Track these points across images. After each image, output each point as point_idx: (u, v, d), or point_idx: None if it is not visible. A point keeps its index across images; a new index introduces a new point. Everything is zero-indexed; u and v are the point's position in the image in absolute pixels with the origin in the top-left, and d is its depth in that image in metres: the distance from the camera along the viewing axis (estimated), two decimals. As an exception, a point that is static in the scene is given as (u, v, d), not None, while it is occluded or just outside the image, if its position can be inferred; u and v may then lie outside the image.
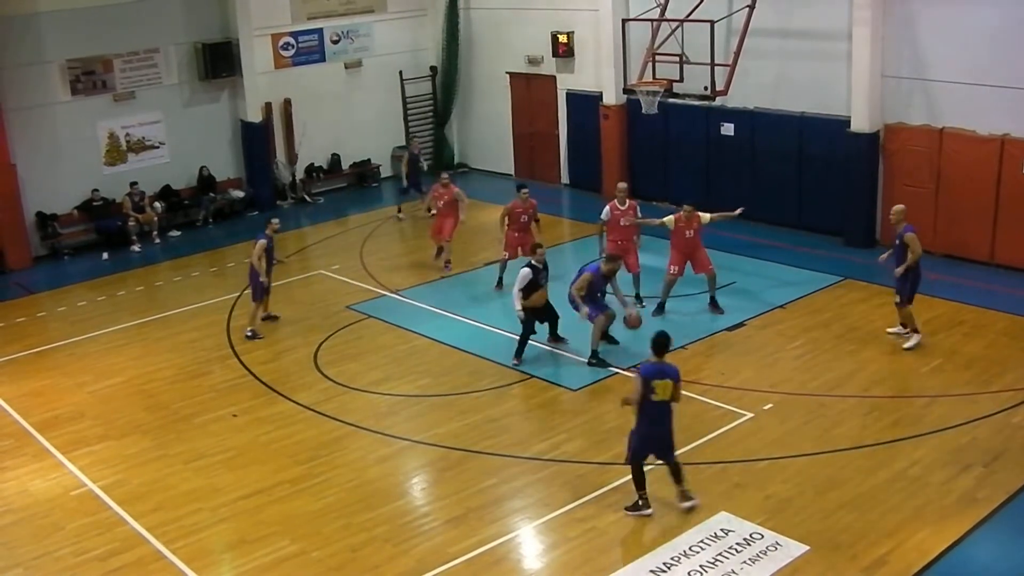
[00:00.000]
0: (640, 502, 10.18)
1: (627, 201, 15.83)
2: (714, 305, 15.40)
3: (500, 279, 17.02)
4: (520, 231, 16.85)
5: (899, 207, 13.75)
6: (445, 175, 19.04)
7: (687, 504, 10.18)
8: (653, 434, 9.95)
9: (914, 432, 11.58)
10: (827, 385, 12.93)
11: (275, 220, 15.96)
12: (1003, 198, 16.35)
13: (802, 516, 10.06)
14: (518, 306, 13.78)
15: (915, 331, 13.74)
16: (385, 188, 24.61)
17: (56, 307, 17.59)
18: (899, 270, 13.47)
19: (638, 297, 15.78)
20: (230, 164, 22.78)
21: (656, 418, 9.90)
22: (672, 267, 15.34)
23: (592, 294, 13.82)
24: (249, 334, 15.36)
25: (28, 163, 19.93)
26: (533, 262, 13.87)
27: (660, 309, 15.40)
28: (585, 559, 9.61)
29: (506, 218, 16.90)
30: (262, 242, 15.36)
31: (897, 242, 13.57)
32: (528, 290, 13.75)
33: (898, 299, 13.70)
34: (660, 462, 10.24)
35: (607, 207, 15.81)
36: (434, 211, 18.49)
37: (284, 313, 16.62)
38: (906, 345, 13.69)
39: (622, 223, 15.69)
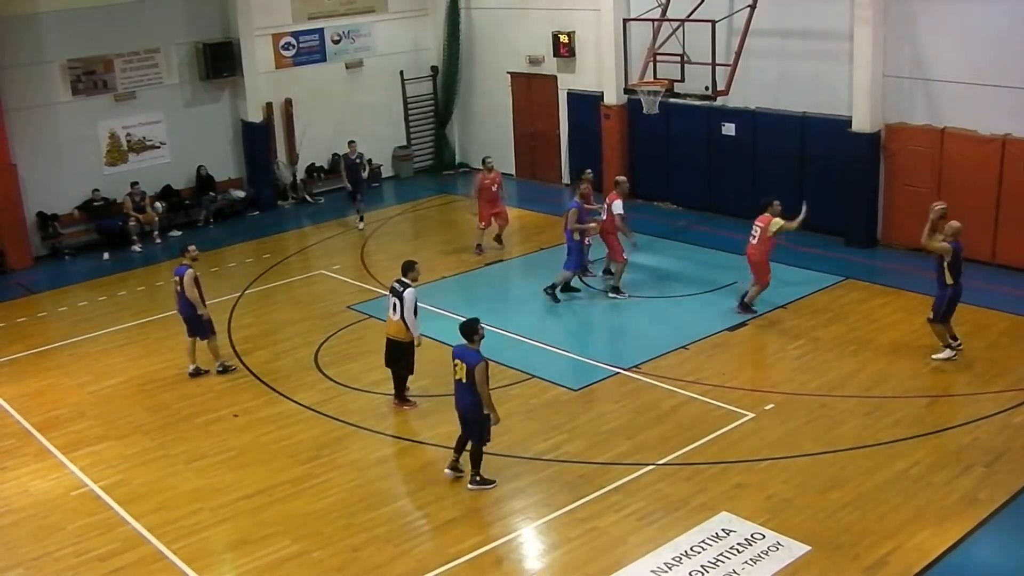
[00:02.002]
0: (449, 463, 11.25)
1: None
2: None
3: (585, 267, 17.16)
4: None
5: (952, 223, 13.15)
6: (489, 159, 19.09)
7: (472, 487, 10.92)
8: (457, 409, 10.93)
9: (915, 432, 11.57)
10: (828, 385, 12.92)
11: (192, 247, 14.13)
12: (1004, 198, 16.34)
13: (803, 516, 10.05)
14: (418, 332, 12.52)
15: (948, 346, 13.36)
16: (386, 188, 24.63)
17: (57, 307, 17.59)
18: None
19: (616, 290, 16.27)
20: (231, 164, 22.79)
21: (456, 393, 10.87)
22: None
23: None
24: (220, 369, 14.21)
25: (29, 163, 19.93)
26: (408, 280, 12.58)
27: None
28: (586, 559, 9.61)
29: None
30: (190, 272, 13.77)
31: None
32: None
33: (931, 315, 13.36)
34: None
35: (620, 202, 15.96)
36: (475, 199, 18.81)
37: (285, 313, 16.64)
38: (935, 356, 13.37)
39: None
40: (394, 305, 12.50)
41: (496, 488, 10.94)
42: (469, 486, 10.96)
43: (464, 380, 10.62)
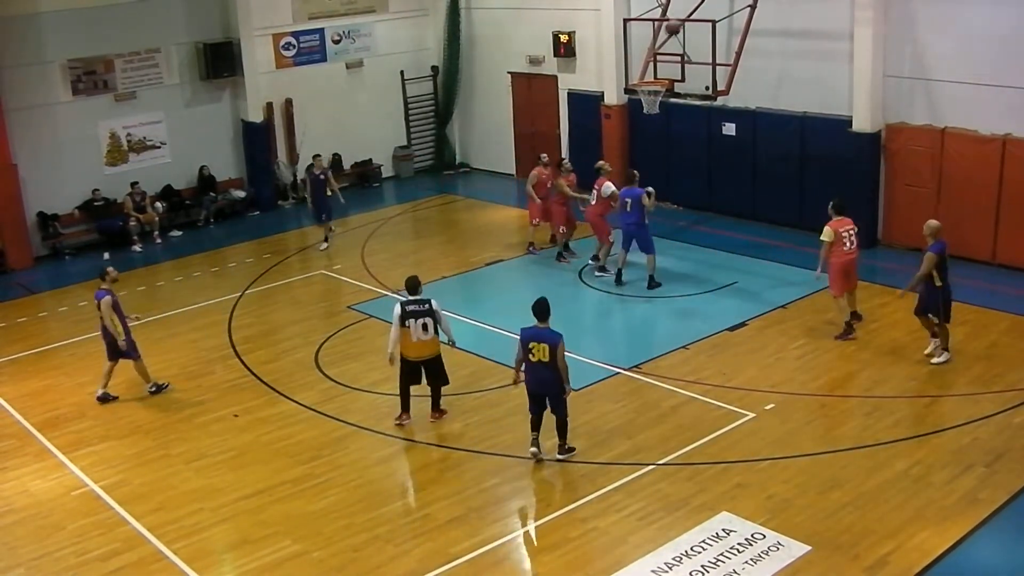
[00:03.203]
0: (532, 442, 11.37)
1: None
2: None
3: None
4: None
5: (930, 223, 13.25)
6: (544, 155, 18.90)
7: (560, 456, 11.31)
8: (538, 391, 11.13)
9: (916, 432, 11.58)
10: (829, 385, 12.93)
11: (111, 268, 13.63)
12: (1005, 198, 16.33)
13: (804, 516, 10.05)
14: (390, 348, 12.12)
15: (946, 348, 13.29)
16: (387, 188, 24.64)
17: (57, 307, 17.59)
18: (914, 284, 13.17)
19: (597, 261, 17.35)
20: (231, 164, 22.80)
21: (534, 375, 11.07)
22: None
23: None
24: (153, 389, 13.65)
25: (29, 163, 19.93)
26: (421, 296, 12.09)
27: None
28: (587, 559, 9.61)
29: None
30: (107, 299, 13.17)
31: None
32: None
33: (916, 307, 13.36)
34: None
35: (609, 184, 16.93)
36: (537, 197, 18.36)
37: (285, 313, 16.64)
38: (934, 360, 13.24)
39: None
40: (424, 325, 11.88)
41: (497, 487, 10.96)
42: (558, 456, 11.30)
43: (547, 359, 10.85)
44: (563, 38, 22.43)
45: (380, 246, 19.96)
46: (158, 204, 21.22)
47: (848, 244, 14.25)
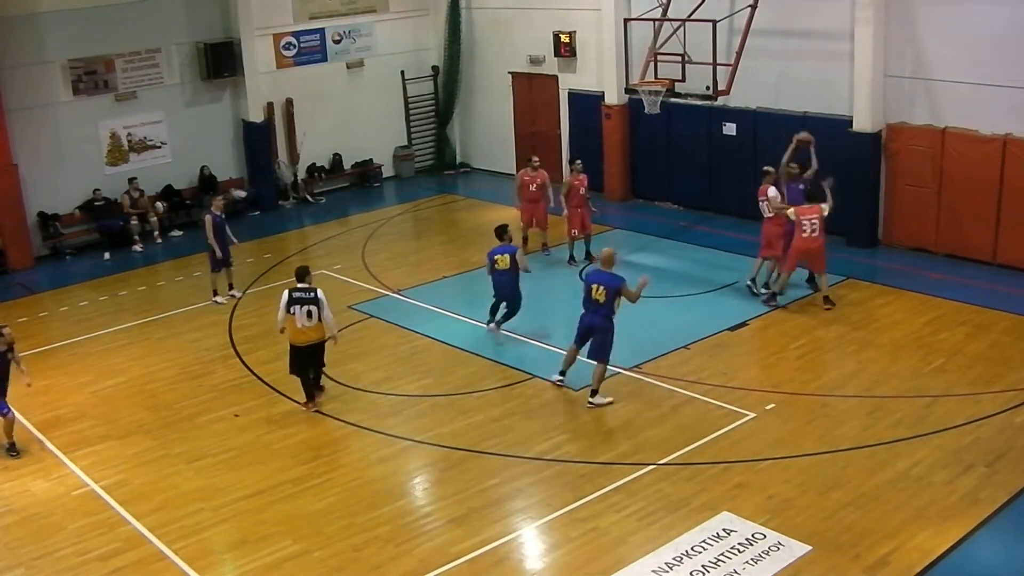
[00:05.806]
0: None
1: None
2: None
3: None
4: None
5: (604, 251, 12.62)
6: (535, 159, 18.83)
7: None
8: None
9: (916, 432, 11.57)
10: (829, 385, 12.92)
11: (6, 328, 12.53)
12: (1005, 198, 16.33)
13: (804, 516, 10.05)
14: (278, 325, 12.89)
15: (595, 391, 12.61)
16: (387, 188, 24.63)
17: (58, 307, 17.59)
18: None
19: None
20: (232, 164, 22.79)
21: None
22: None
23: None
24: None
25: (30, 163, 19.92)
26: (308, 284, 12.81)
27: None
28: (587, 559, 9.61)
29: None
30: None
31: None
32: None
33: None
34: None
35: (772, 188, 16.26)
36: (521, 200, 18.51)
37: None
38: (592, 400, 12.57)
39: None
40: (308, 312, 12.53)
41: (498, 487, 10.96)
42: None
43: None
44: (563, 38, 22.42)
45: (380, 246, 19.96)
46: (159, 204, 21.21)
47: None
